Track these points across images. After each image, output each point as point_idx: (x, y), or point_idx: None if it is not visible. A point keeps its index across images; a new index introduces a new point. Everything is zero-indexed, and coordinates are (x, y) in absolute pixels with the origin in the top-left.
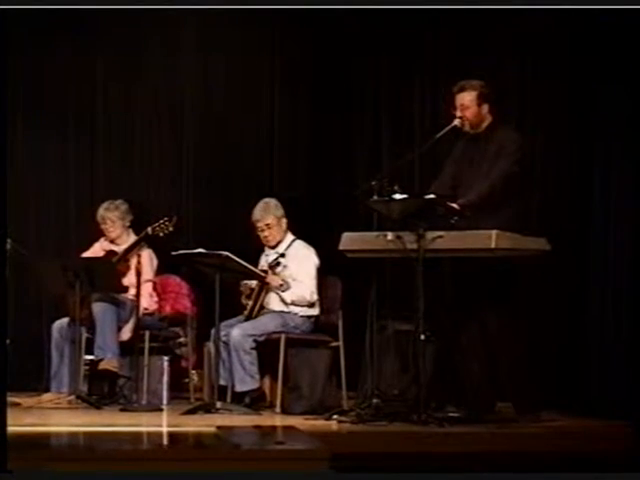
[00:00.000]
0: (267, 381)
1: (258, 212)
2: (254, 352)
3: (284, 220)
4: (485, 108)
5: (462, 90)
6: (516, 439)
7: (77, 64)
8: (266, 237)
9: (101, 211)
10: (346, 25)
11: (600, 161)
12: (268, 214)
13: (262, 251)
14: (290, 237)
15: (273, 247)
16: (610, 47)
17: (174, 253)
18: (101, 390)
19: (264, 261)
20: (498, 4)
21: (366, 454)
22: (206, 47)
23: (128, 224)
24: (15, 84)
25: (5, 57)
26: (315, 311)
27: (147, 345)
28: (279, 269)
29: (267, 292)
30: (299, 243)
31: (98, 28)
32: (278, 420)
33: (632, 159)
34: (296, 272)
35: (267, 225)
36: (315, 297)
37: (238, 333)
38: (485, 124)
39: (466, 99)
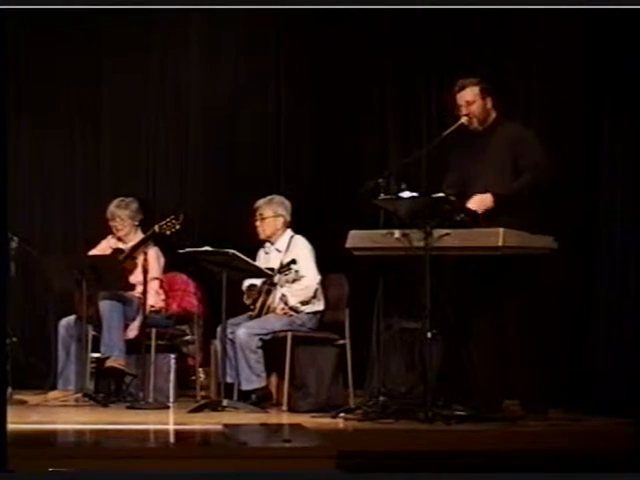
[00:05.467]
0: (274, 379)
1: (260, 201)
2: (260, 351)
3: (281, 219)
4: (489, 102)
5: (463, 88)
6: (523, 437)
7: (83, 63)
8: (257, 228)
9: (112, 208)
10: (352, 24)
11: (606, 158)
12: (267, 207)
13: (261, 246)
14: (289, 234)
15: (272, 243)
16: (613, 46)
17: (181, 251)
18: (108, 388)
19: (263, 256)
20: (500, 4)
21: (373, 452)
22: (211, 46)
23: (137, 223)
24: (21, 83)
25: (7, 57)
26: (320, 306)
27: (154, 343)
28: (290, 273)
29: (273, 291)
30: (296, 238)
31: (103, 26)
32: (285, 418)
33: (638, 156)
34: (301, 267)
35: (261, 216)
36: (319, 283)
37: (244, 332)
38: (491, 119)
39: (469, 95)
